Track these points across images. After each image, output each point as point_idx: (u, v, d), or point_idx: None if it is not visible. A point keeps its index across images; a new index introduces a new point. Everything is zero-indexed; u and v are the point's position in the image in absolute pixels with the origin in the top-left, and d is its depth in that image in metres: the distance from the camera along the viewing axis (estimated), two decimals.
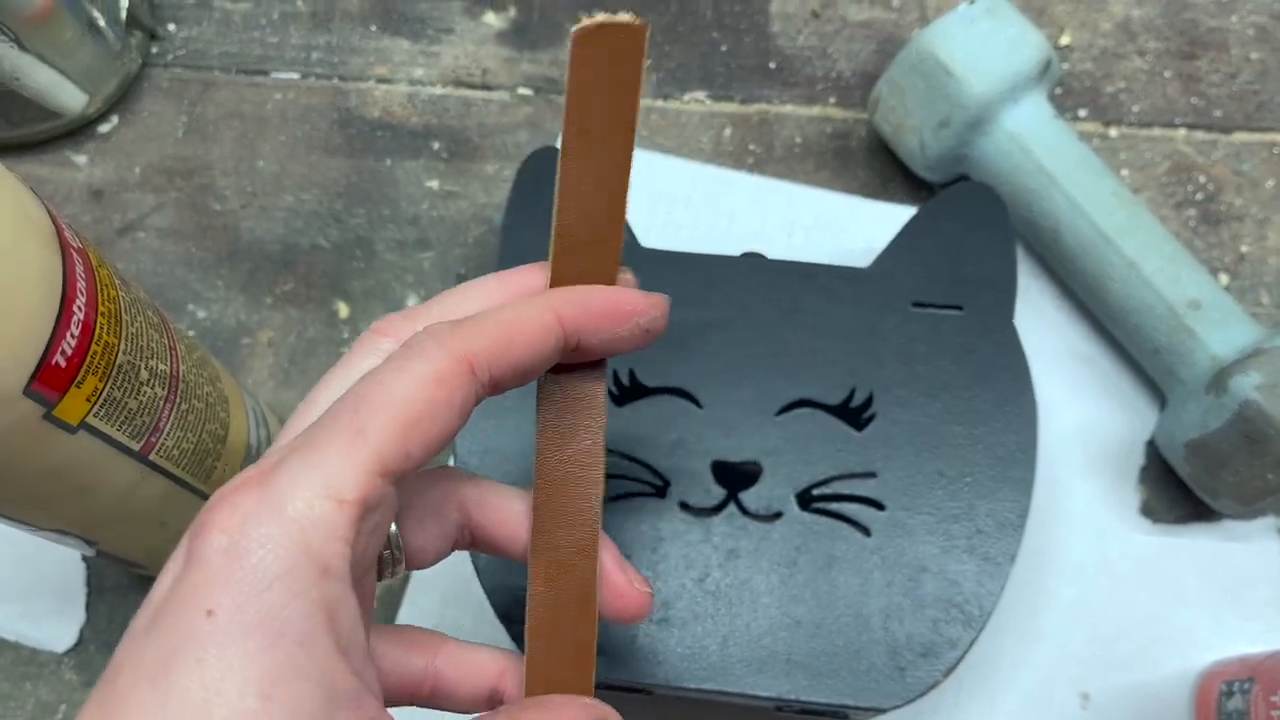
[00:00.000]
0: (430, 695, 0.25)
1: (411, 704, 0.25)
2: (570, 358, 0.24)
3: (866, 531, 0.34)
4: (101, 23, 0.44)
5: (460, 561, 0.39)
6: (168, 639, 0.18)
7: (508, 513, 0.25)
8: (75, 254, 0.25)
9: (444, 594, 0.39)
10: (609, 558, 0.25)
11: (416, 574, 0.39)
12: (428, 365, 0.21)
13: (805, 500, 0.35)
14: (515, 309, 0.23)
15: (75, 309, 0.25)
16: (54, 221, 0.25)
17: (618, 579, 0.25)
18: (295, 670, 0.18)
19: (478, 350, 0.21)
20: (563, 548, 0.25)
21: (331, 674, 0.19)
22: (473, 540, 0.26)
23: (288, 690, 0.18)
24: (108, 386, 0.27)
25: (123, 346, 0.27)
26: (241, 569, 0.18)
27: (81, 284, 0.25)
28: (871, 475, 0.35)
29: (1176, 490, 0.39)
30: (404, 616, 0.39)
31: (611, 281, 0.24)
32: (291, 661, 0.18)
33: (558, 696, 0.24)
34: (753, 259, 0.38)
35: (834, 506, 0.34)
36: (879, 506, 0.34)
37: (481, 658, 0.25)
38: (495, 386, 0.22)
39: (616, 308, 0.24)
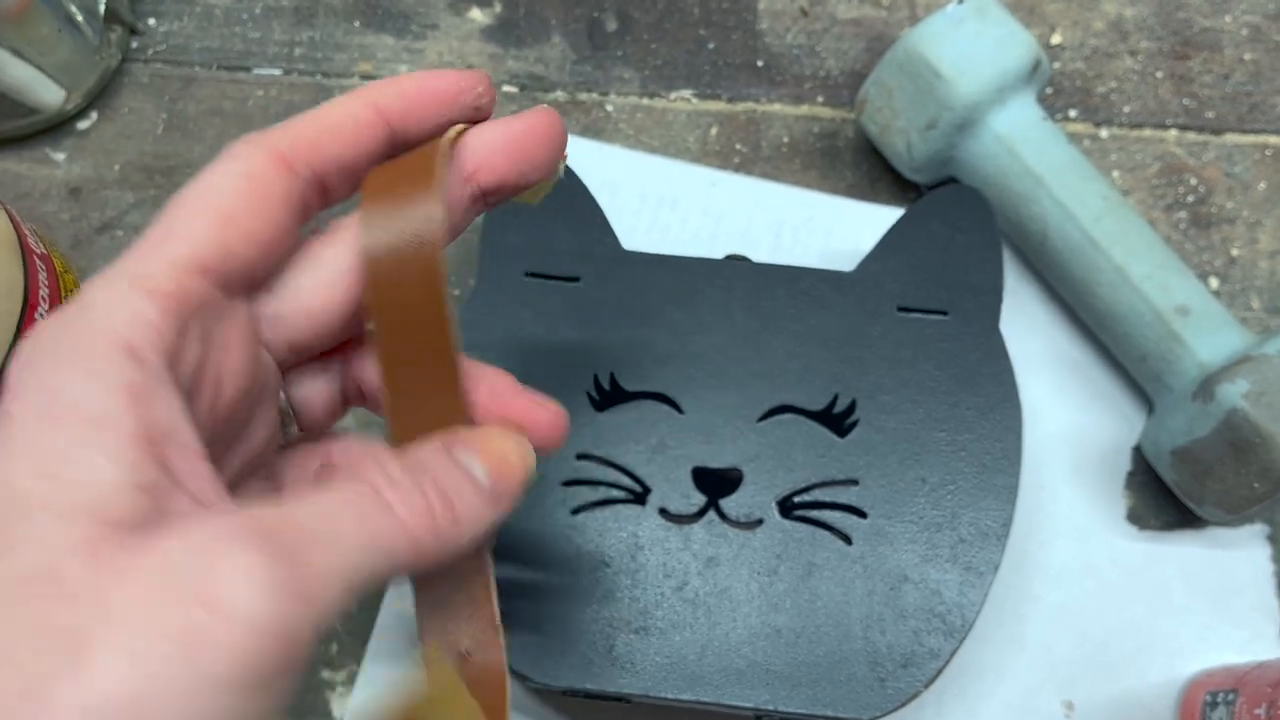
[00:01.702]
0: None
1: None
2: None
3: (848, 540, 0.34)
4: (79, 18, 0.43)
5: None
6: None
7: None
8: (38, 260, 0.25)
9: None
10: (500, 387, 0.24)
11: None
12: (239, 164, 0.21)
13: (786, 508, 0.34)
14: (331, 104, 0.22)
15: (38, 316, 0.24)
16: (15, 228, 0.25)
17: (520, 403, 0.24)
18: (81, 448, 0.17)
19: (290, 146, 0.21)
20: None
21: (130, 457, 0.17)
22: (362, 394, 0.25)
23: (72, 470, 0.17)
24: None
25: None
26: (38, 356, 0.18)
27: (44, 290, 0.25)
28: (853, 483, 0.34)
29: (1163, 496, 0.39)
30: (383, 617, 0.38)
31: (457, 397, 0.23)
32: (79, 438, 0.17)
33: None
34: (736, 262, 0.38)
35: (815, 514, 0.34)
36: (861, 514, 0.34)
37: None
38: (322, 184, 0.22)
39: (435, 89, 0.23)
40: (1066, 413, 0.40)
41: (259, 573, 0.16)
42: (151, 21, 0.47)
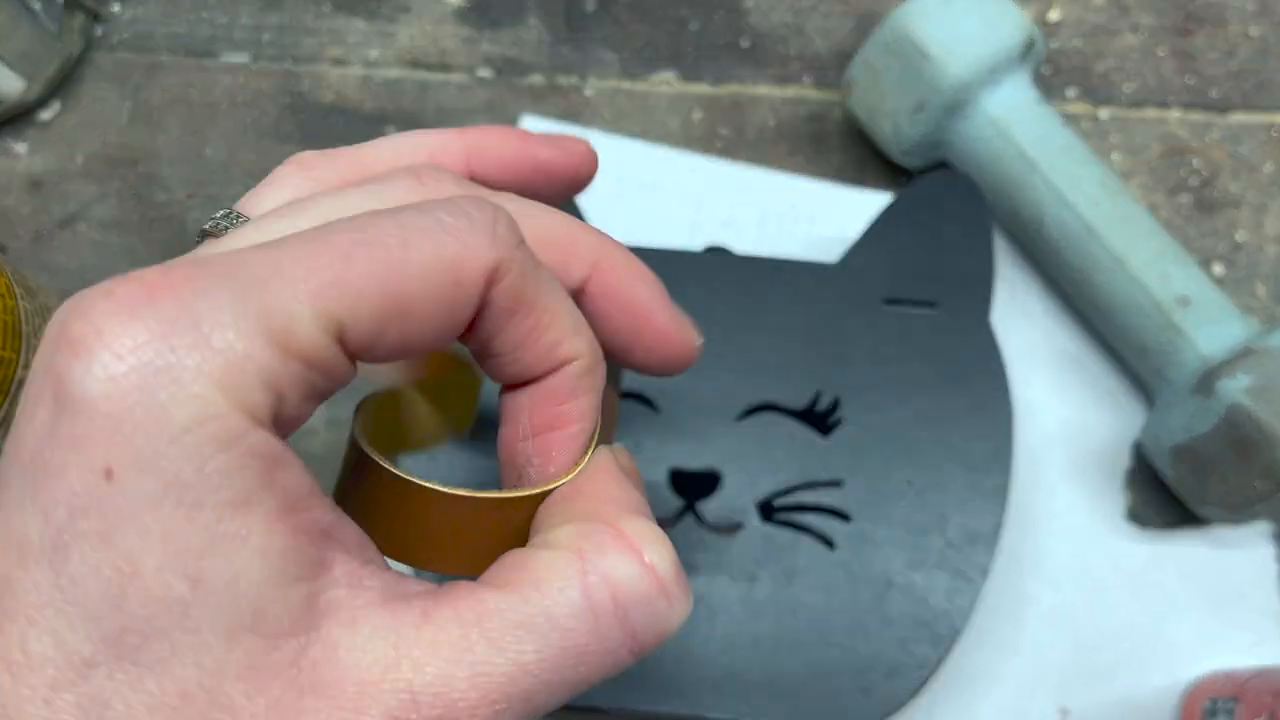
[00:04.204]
0: None
1: None
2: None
3: (831, 544, 0.32)
4: (37, 5, 0.42)
5: None
6: (54, 508, 0.14)
7: None
8: None
9: None
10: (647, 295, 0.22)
11: None
12: (460, 232, 0.17)
13: (767, 510, 0.33)
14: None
15: None
16: None
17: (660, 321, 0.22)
18: (229, 541, 0.15)
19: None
20: None
21: (280, 541, 0.15)
22: None
23: (223, 567, 0.15)
24: (8, 406, 0.25)
25: (23, 360, 0.25)
26: (144, 411, 0.14)
27: None
28: (837, 484, 0.33)
29: (1164, 494, 0.37)
30: None
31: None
32: (224, 530, 0.15)
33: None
34: (716, 254, 0.36)
35: (797, 517, 0.33)
36: (844, 517, 0.33)
37: None
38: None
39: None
40: (1063, 408, 0.39)
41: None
42: (115, 8, 0.46)
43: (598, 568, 0.17)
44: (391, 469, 0.19)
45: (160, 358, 0.14)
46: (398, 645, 0.16)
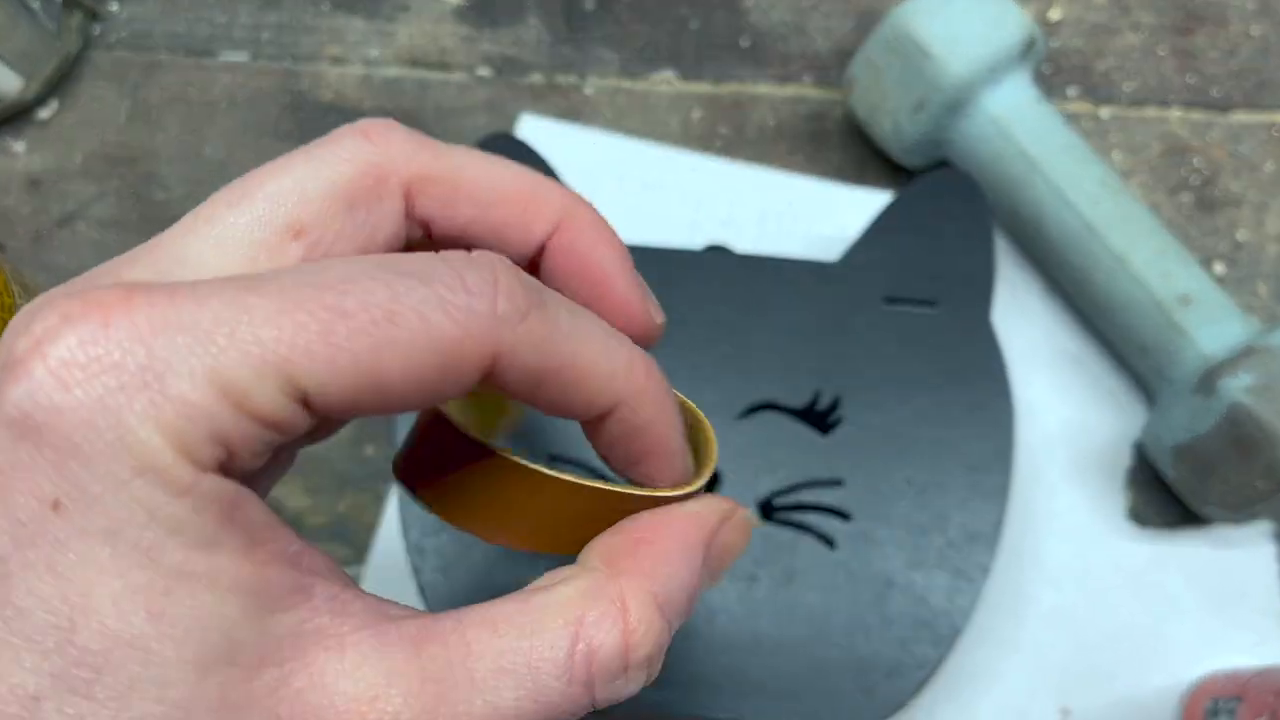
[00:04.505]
0: None
1: None
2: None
3: (831, 543, 0.32)
4: (35, 3, 0.42)
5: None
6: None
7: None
8: None
9: None
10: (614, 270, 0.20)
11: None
12: (452, 279, 0.16)
13: (767, 509, 0.33)
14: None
15: None
16: None
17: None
18: (195, 580, 0.14)
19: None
20: None
21: (251, 576, 0.15)
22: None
23: (189, 603, 0.14)
24: None
25: None
26: (91, 448, 0.14)
27: None
28: (837, 483, 0.33)
29: (1165, 494, 0.37)
30: None
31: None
32: (188, 570, 0.14)
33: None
34: (716, 253, 0.36)
35: (797, 516, 0.33)
36: (845, 517, 0.32)
37: None
38: None
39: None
40: (1064, 407, 0.39)
41: None
42: (114, 7, 0.46)
43: (590, 639, 0.17)
44: (520, 460, 0.18)
45: (110, 395, 0.14)
46: (389, 675, 0.15)
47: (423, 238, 0.19)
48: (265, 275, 0.15)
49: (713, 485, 0.33)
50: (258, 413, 0.14)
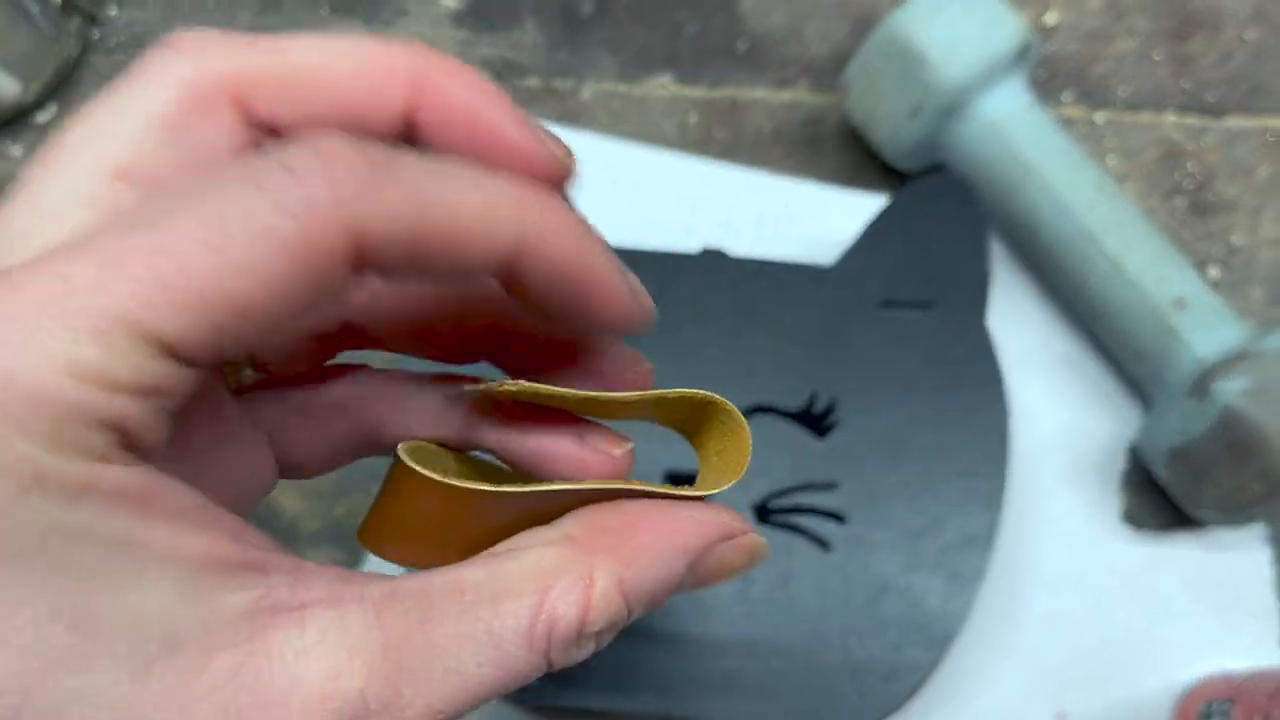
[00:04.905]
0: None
1: None
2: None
3: (826, 546, 0.32)
4: (35, 9, 0.42)
5: None
6: None
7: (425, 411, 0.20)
8: None
9: None
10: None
11: None
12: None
13: (762, 512, 0.33)
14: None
15: None
16: None
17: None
18: (118, 577, 0.13)
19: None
20: None
21: (185, 563, 0.14)
22: (379, 444, 0.21)
23: (115, 604, 0.13)
24: None
25: None
26: None
27: None
28: (833, 486, 0.33)
29: (1160, 497, 0.37)
30: None
31: None
32: (109, 569, 0.13)
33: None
34: (713, 256, 0.36)
35: (793, 519, 0.33)
36: (840, 520, 0.33)
37: None
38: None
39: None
40: (1060, 411, 0.39)
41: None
42: (112, 11, 0.46)
43: (554, 609, 0.16)
44: (442, 479, 0.17)
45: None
46: (350, 649, 0.15)
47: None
48: (84, 241, 0.14)
49: None
50: (123, 382, 0.13)
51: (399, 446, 0.18)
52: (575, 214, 0.17)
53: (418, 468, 0.17)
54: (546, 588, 0.16)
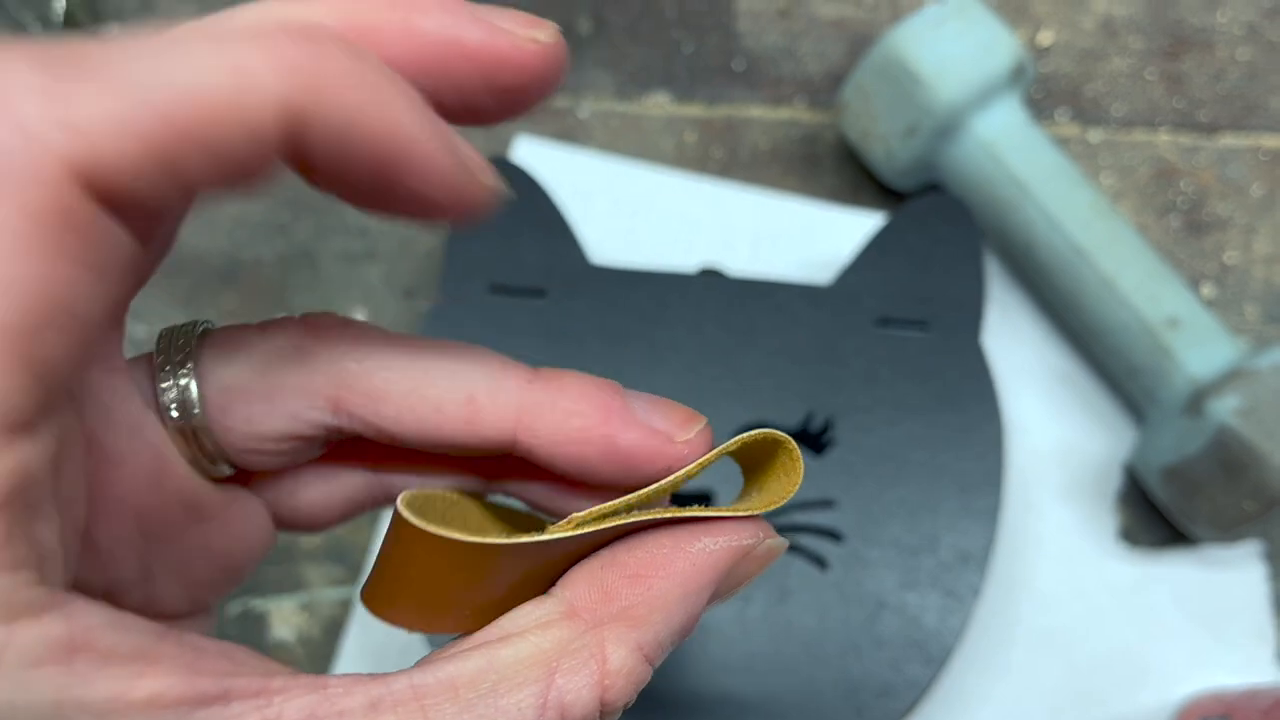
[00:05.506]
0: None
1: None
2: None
3: (823, 564, 0.32)
4: (36, 28, 0.42)
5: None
6: None
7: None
8: None
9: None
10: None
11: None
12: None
13: None
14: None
15: None
16: None
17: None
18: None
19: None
20: None
21: (115, 711, 0.13)
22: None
23: None
24: None
25: None
26: None
27: None
28: (829, 504, 0.33)
29: (1155, 514, 0.38)
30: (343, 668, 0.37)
31: None
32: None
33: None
34: (709, 276, 0.36)
35: (789, 538, 0.33)
36: (837, 538, 0.33)
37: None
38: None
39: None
40: (1055, 428, 0.39)
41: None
42: (113, 28, 0.46)
43: (563, 693, 0.15)
44: (450, 534, 0.16)
45: None
46: None
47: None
48: None
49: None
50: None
51: (399, 498, 0.16)
52: (371, 67, 0.14)
53: (419, 523, 0.16)
54: (551, 671, 0.15)
